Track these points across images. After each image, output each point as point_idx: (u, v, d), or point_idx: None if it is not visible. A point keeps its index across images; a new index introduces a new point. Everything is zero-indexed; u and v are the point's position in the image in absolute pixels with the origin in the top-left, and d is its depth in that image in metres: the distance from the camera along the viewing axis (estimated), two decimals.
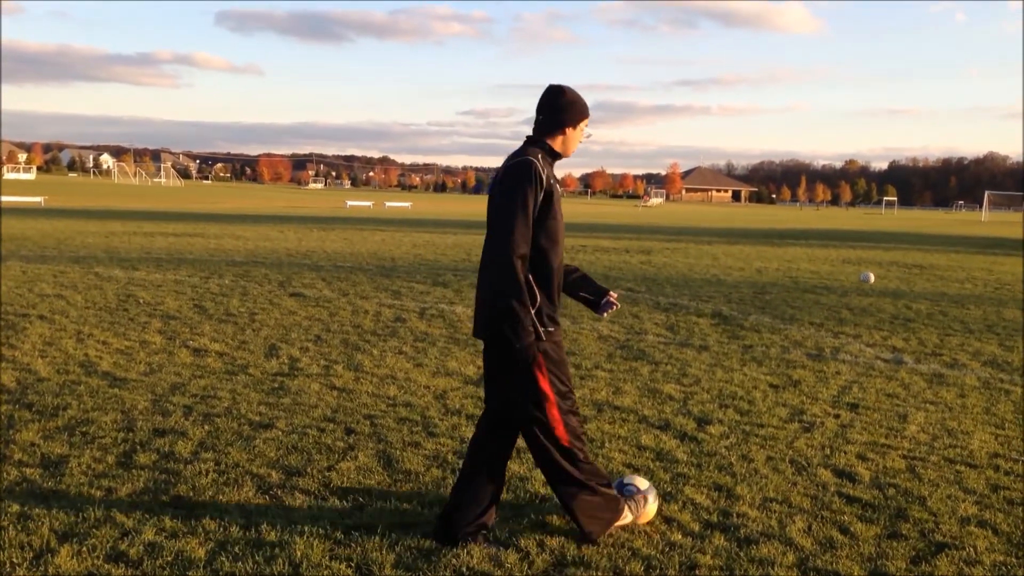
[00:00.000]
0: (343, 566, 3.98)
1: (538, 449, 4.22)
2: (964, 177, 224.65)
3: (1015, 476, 5.57)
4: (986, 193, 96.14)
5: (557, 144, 4.24)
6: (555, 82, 4.35)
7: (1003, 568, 4.21)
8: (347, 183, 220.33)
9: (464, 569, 4.01)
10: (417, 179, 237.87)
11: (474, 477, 4.26)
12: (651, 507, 4.59)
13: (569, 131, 4.24)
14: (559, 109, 4.19)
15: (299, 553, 4.07)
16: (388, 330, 10.00)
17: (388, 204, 62.41)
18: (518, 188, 3.97)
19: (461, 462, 5.27)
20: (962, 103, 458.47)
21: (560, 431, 4.17)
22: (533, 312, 4.05)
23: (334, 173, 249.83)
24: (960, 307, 13.93)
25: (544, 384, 4.12)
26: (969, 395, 7.76)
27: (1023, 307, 14.23)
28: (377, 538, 4.28)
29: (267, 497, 4.78)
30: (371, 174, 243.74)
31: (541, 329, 4.09)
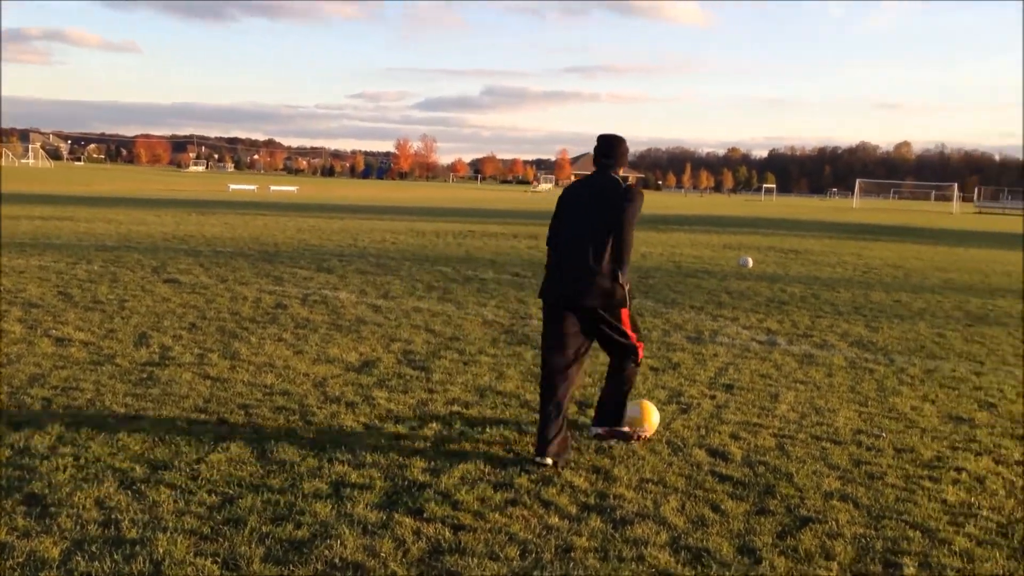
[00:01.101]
0: (208, 562, 3.84)
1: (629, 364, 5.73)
2: (838, 165, 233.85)
3: (876, 451, 5.80)
4: (857, 181, 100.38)
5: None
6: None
7: (863, 540, 4.37)
8: (230, 166, 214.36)
9: (337, 560, 3.93)
10: (304, 163, 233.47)
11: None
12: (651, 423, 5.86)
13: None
14: (622, 154, 5.72)
15: (161, 550, 3.91)
16: (268, 317, 9.75)
17: (273, 188, 60.97)
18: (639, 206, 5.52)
19: (338, 451, 5.18)
20: (837, 94, 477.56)
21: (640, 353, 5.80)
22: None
23: (216, 156, 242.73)
24: (831, 290, 14.48)
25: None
26: (836, 374, 8.05)
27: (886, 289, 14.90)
28: (246, 531, 4.15)
29: (129, 493, 4.57)
30: (256, 157, 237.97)
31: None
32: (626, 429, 5.78)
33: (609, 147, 5.63)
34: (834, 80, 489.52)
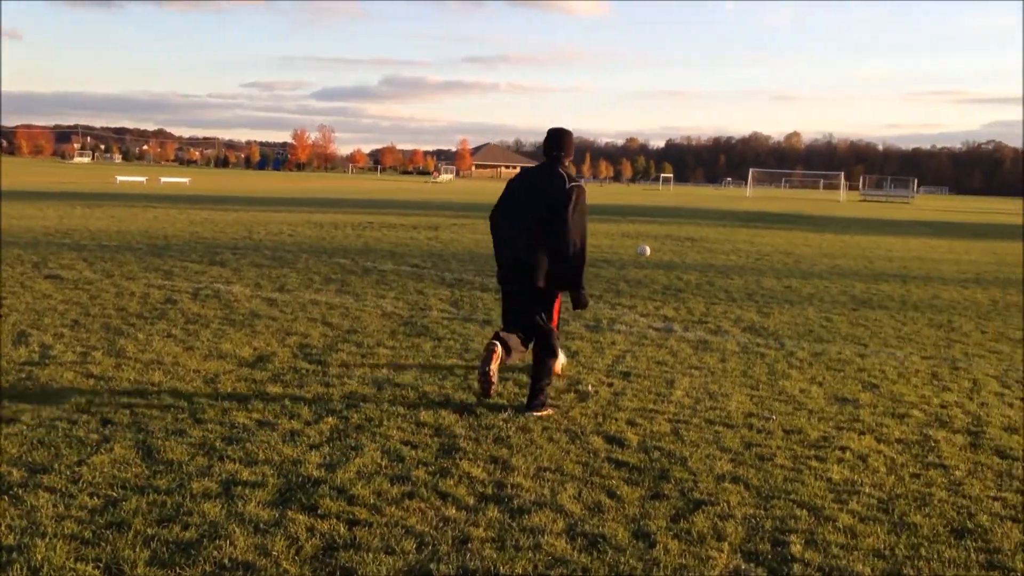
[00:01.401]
0: (90, 567, 3.68)
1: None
2: (732, 155, 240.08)
3: (766, 433, 5.95)
4: (750, 170, 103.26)
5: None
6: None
7: (753, 520, 4.48)
8: (118, 157, 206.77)
9: (226, 561, 3.82)
10: (197, 153, 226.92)
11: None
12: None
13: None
14: (569, 144, 6.36)
15: (40, 556, 3.73)
16: (156, 312, 9.44)
17: (164, 179, 59.09)
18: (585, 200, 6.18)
19: (230, 448, 5.05)
20: (732, 86, 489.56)
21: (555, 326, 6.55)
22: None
23: (103, 146, 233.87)
24: (725, 277, 14.84)
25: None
26: (729, 359, 8.25)
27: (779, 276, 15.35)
28: (130, 535, 4.00)
29: (6, 498, 4.35)
30: (145, 148, 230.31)
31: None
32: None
33: (559, 140, 6.23)
34: (728, 72, 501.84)
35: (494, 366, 6.06)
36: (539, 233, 6.04)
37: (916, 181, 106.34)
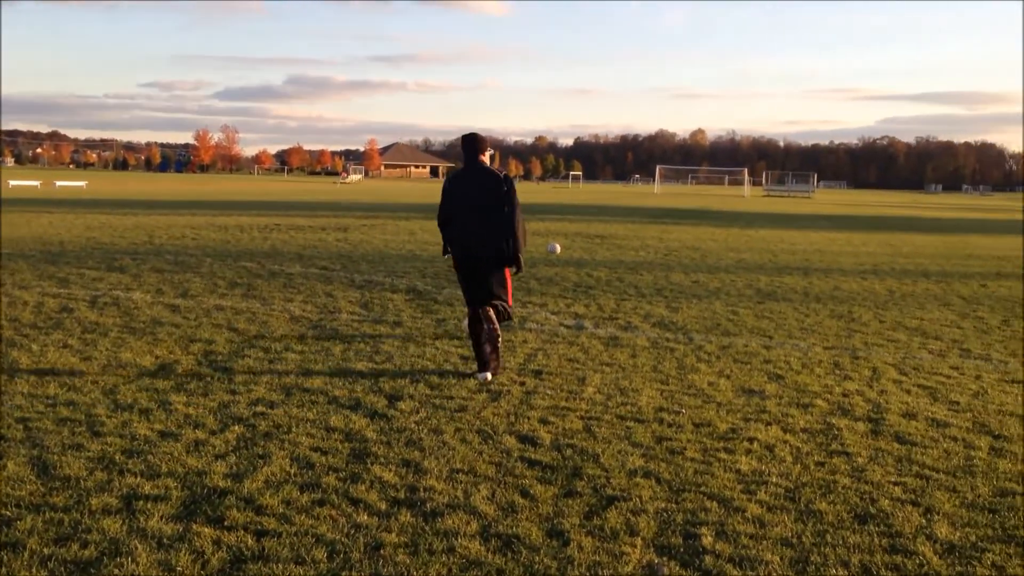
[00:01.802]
0: None
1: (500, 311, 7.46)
2: (639, 152, 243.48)
3: (677, 427, 6.03)
4: (658, 167, 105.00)
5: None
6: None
7: (665, 514, 4.52)
8: (10, 160, 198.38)
9: None
10: (94, 156, 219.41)
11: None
12: None
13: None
14: (484, 143, 7.47)
15: None
16: (51, 322, 9.07)
17: (59, 183, 56.97)
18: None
19: (130, 462, 4.89)
20: (636, 85, 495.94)
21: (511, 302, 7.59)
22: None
23: None
24: (635, 273, 15.03)
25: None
26: (640, 355, 8.34)
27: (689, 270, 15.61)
28: (26, 555, 3.82)
29: None
30: (39, 151, 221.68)
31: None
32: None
33: (473, 144, 7.40)
34: (634, 71, 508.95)
35: (494, 323, 7.31)
36: (488, 221, 7.21)
37: (816, 176, 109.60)
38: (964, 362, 8.46)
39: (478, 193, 7.27)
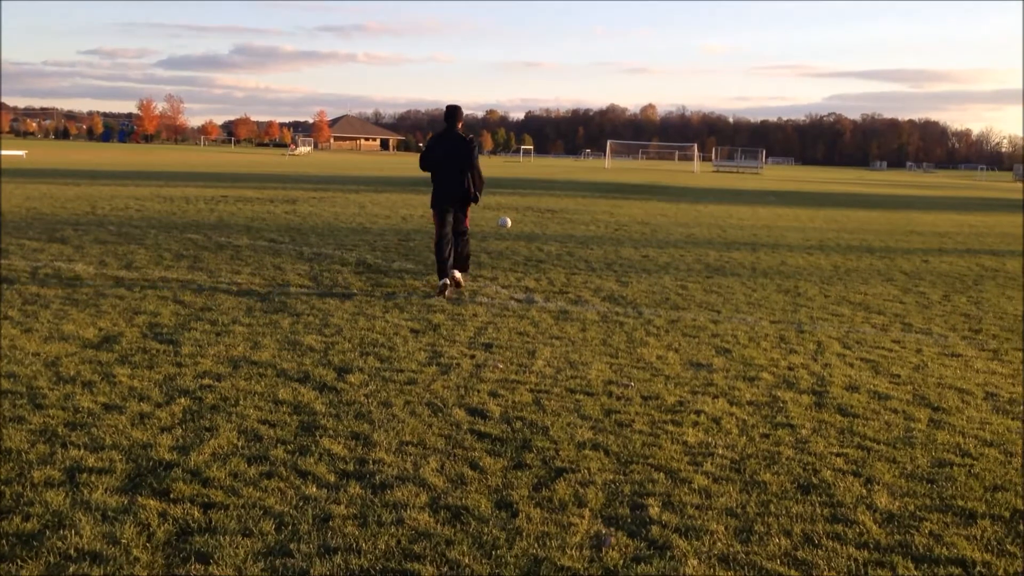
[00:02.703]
0: None
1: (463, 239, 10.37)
2: (590, 127, 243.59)
3: (625, 400, 6.09)
4: (608, 142, 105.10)
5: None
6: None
7: (612, 486, 4.57)
8: None
9: (72, 552, 3.63)
10: (34, 125, 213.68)
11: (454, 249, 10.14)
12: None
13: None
14: (460, 114, 10.27)
15: None
16: None
17: None
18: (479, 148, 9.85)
19: (73, 434, 4.81)
20: (588, 59, 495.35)
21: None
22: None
23: None
24: (585, 248, 15.09)
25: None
26: (590, 328, 8.39)
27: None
28: None
29: None
30: None
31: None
32: (458, 276, 10.18)
33: (454, 113, 10.19)
34: (584, 45, 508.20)
35: (455, 278, 10.08)
36: (460, 172, 10.07)
37: (765, 152, 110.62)
38: (905, 336, 8.65)
39: (454, 152, 10.06)
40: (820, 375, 7.01)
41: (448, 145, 10.06)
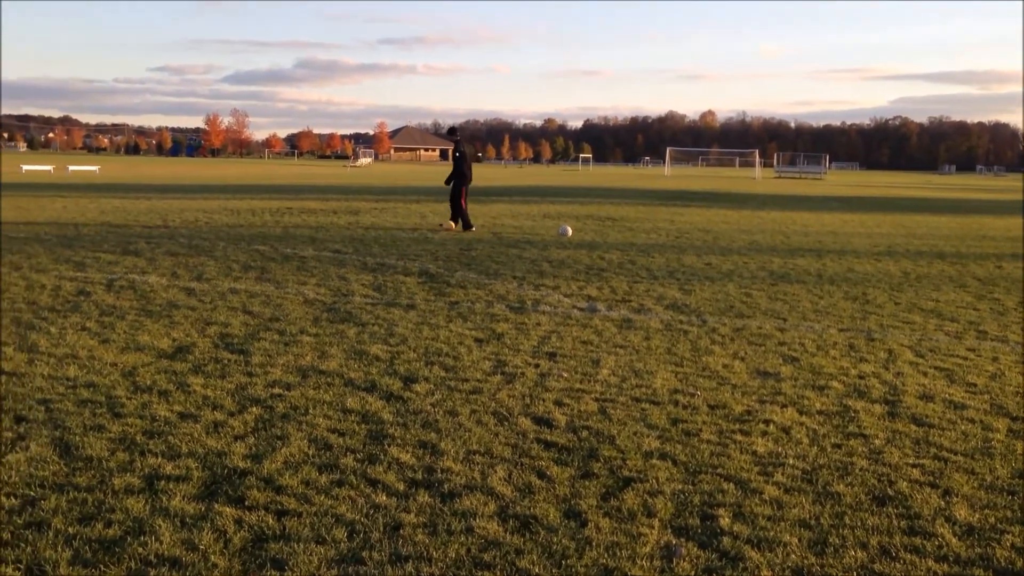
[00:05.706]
0: (9, 569, 3.55)
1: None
2: (649, 135, 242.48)
3: (692, 409, 6.04)
4: (668, 149, 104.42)
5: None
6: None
7: (681, 495, 4.54)
8: (22, 146, 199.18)
9: (152, 557, 3.72)
10: (106, 141, 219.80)
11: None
12: None
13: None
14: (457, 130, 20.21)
15: None
16: (69, 305, 9.13)
17: (72, 168, 57.16)
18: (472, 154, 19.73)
19: (151, 442, 4.92)
20: (645, 65, 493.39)
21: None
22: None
23: (6, 135, 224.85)
24: (646, 256, 15.01)
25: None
26: (653, 337, 8.34)
27: (701, 253, 15.59)
28: (51, 534, 3.87)
29: None
30: (51, 135, 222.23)
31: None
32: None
33: (452, 131, 19.40)
34: (642, 52, 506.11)
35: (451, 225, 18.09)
36: (465, 166, 18.54)
37: (828, 157, 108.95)
38: (981, 344, 8.44)
39: (461, 156, 18.52)
40: (892, 384, 6.87)
41: (457, 149, 19.06)
